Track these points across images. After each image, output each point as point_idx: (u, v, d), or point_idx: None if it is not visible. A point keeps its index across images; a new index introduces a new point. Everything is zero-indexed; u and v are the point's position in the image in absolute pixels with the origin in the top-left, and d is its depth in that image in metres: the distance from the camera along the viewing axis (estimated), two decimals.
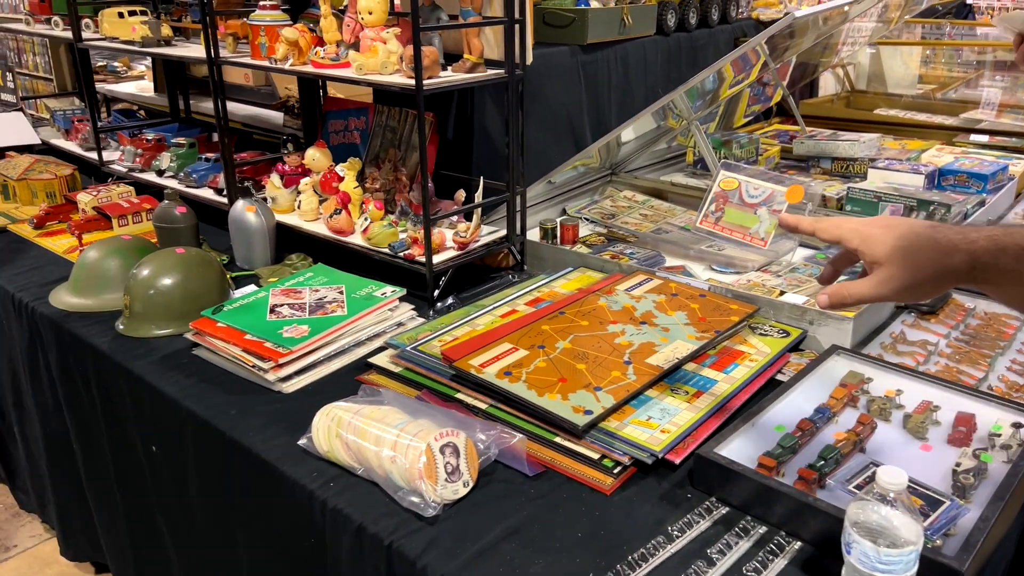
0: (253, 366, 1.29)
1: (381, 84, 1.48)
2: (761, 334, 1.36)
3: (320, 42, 1.67)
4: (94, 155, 2.39)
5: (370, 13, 1.55)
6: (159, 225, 1.77)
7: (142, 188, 2.15)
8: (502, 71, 1.57)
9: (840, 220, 0.92)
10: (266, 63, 1.69)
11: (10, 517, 2.21)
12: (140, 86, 3.64)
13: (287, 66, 1.64)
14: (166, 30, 2.03)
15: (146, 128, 2.47)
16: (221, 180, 1.99)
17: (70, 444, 1.68)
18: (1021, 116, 2.75)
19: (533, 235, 1.81)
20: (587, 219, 2.01)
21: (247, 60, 1.76)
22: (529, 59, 1.62)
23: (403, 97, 1.86)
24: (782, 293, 1.52)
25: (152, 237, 1.80)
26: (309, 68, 1.63)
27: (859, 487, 0.96)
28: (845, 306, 0.89)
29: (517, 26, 1.53)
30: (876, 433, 1.11)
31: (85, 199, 2.01)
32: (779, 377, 1.28)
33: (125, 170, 2.24)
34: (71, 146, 2.53)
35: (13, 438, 2.01)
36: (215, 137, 2.39)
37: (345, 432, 1.07)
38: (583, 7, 2.00)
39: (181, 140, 2.19)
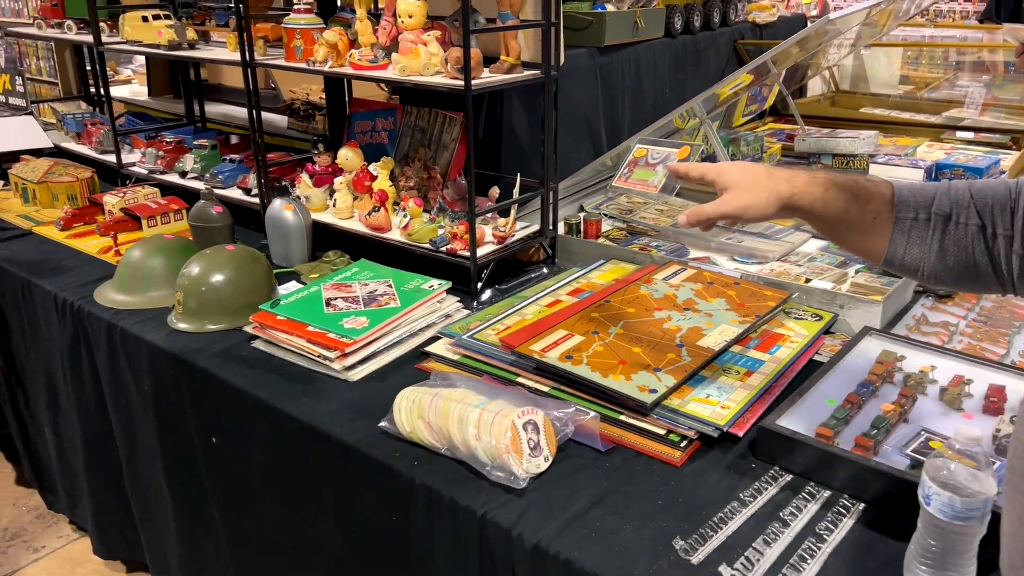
0: (319, 356, 1.34)
1: (428, 85, 1.53)
2: (796, 318, 1.45)
3: (353, 45, 1.72)
4: (109, 158, 2.41)
5: (410, 16, 1.60)
6: (196, 224, 1.80)
7: (164, 190, 2.17)
8: (537, 72, 1.63)
9: (705, 163, 1.10)
10: (303, 65, 1.74)
11: (35, 519, 2.21)
12: (132, 90, 3.64)
13: (327, 68, 1.69)
14: (191, 33, 2.07)
15: (163, 131, 2.49)
16: (250, 180, 2.02)
17: (112, 442, 1.70)
18: (1001, 114, 2.89)
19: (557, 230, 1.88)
20: (606, 215, 2.08)
21: (281, 62, 1.80)
22: (562, 60, 1.69)
23: (432, 97, 1.92)
24: (808, 280, 1.61)
25: (184, 236, 1.83)
26: (348, 70, 1.68)
27: (916, 451, 1.05)
28: (700, 223, 1.06)
29: (552, 28, 1.60)
30: (916, 405, 1.19)
31: (112, 201, 2.03)
32: (816, 358, 1.37)
33: (146, 172, 2.27)
34: (84, 149, 2.54)
35: (44, 439, 2.02)
36: (232, 140, 2.42)
37: (427, 413, 1.13)
38: (600, 10, 2.08)
39: (203, 142, 2.22)
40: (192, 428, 1.46)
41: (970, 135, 2.68)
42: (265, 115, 2.85)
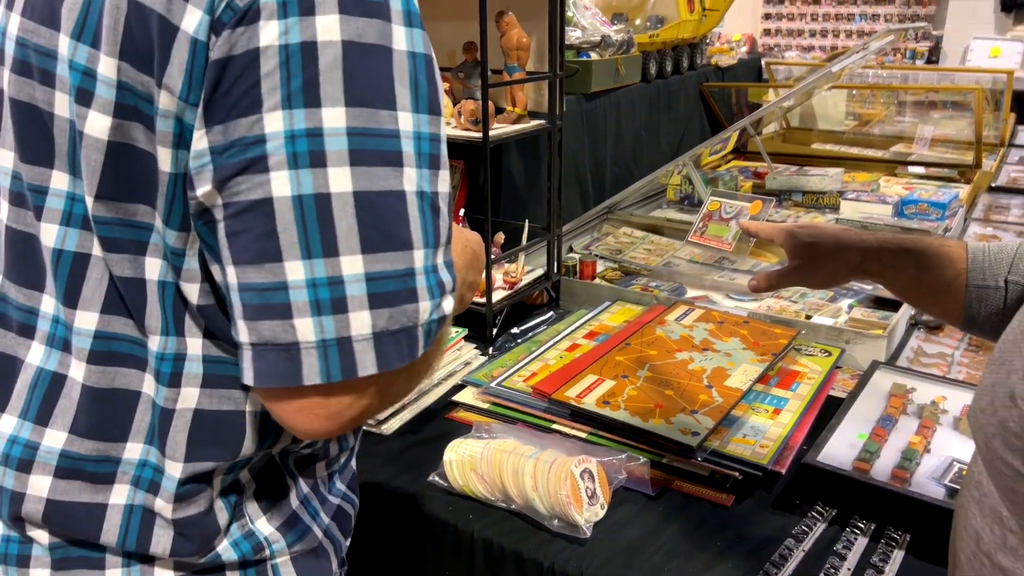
0: None
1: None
2: (807, 354, 1.51)
3: None
4: None
5: None
6: None
7: None
8: (543, 121, 1.68)
9: (776, 224, 1.13)
10: None
11: None
12: None
13: None
14: None
15: None
16: None
17: None
18: (947, 149, 3.08)
19: None
20: (597, 255, 2.13)
21: None
22: (564, 108, 1.73)
23: None
24: (808, 317, 1.68)
25: None
26: None
27: (953, 481, 1.11)
28: (771, 289, 1.10)
29: (558, 80, 1.65)
30: (935, 435, 1.26)
31: None
32: (831, 392, 1.43)
33: None
34: None
35: None
36: None
37: (479, 465, 1.13)
38: (585, 58, 2.15)
39: None
40: None
41: (922, 170, 2.84)
42: None
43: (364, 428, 1.33)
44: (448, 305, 0.64)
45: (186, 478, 0.68)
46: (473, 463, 1.14)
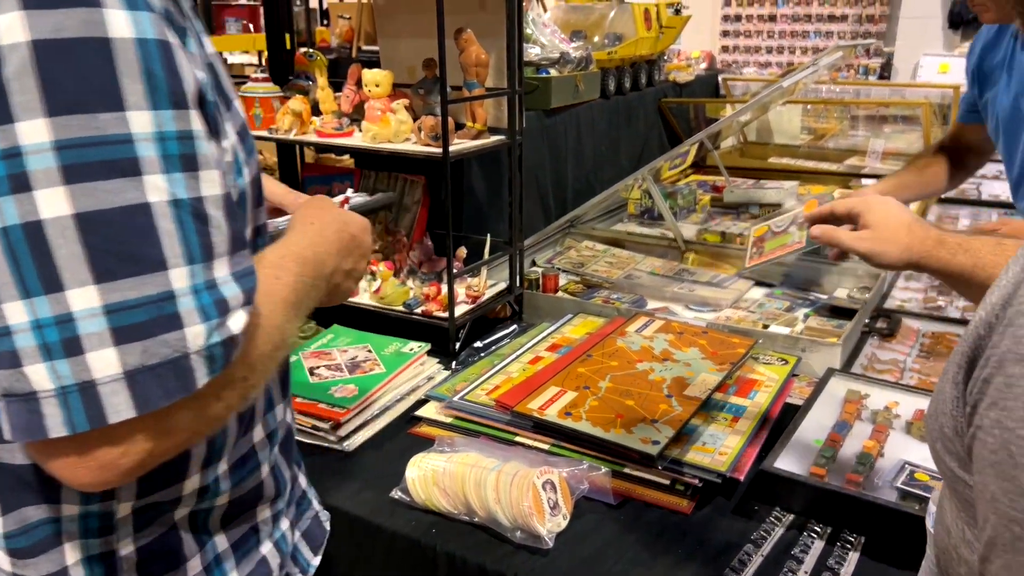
0: (312, 427, 1.32)
1: (403, 153, 1.57)
2: (764, 363, 1.54)
3: (312, 112, 1.74)
4: None
5: (377, 86, 1.64)
6: None
7: None
8: (503, 137, 1.69)
9: (850, 199, 1.12)
10: (264, 133, 1.74)
11: None
12: None
13: (292, 136, 1.70)
14: None
15: None
16: None
17: None
18: (899, 162, 3.16)
19: None
20: (560, 269, 2.15)
21: None
22: (523, 124, 1.75)
23: (391, 161, 1.94)
24: (766, 326, 1.71)
25: None
26: (313, 137, 1.69)
27: (905, 484, 1.13)
28: (830, 244, 1.10)
29: (516, 96, 1.67)
30: (888, 439, 1.29)
31: None
32: (789, 399, 1.45)
33: None
34: None
35: None
36: None
37: (442, 479, 1.13)
38: (544, 75, 2.17)
39: None
40: None
41: (875, 182, 2.91)
42: None
43: (325, 445, 1.33)
44: (236, 323, 0.57)
45: (10, 533, 0.64)
46: (436, 477, 1.14)
